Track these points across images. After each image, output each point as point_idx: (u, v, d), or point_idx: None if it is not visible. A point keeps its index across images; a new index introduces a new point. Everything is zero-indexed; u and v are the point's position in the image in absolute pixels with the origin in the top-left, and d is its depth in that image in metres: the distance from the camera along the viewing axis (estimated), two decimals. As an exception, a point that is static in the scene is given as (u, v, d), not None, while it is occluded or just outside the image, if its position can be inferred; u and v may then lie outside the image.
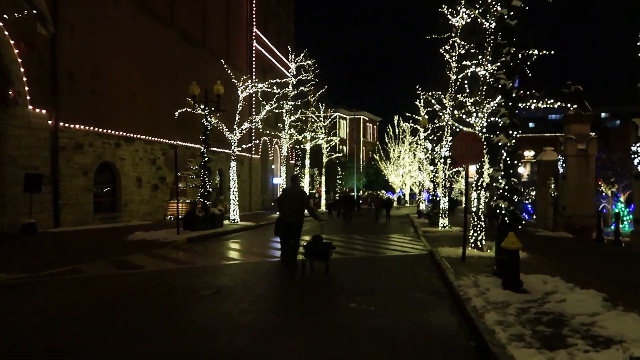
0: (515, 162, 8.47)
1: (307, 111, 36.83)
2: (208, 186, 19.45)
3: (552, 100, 11.47)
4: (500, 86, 8.51)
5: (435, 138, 27.55)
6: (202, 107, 19.30)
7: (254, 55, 38.08)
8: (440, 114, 15.17)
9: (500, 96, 8.65)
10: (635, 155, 13.23)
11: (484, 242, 12.46)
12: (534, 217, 28.84)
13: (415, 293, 8.05)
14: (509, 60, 8.42)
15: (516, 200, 8.50)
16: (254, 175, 39.09)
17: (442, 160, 22.37)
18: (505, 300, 6.58)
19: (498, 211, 8.52)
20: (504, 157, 8.55)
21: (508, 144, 8.43)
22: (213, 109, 19.34)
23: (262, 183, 41.67)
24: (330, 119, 42.60)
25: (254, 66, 37.77)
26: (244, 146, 24.07)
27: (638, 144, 13.30)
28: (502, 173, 8.54)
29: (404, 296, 7.81)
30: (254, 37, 38.23)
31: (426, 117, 27.72)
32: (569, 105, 18.05)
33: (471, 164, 11.12)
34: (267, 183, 42.81)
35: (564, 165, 19.48)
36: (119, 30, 21.63)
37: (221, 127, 22.13)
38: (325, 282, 9.11)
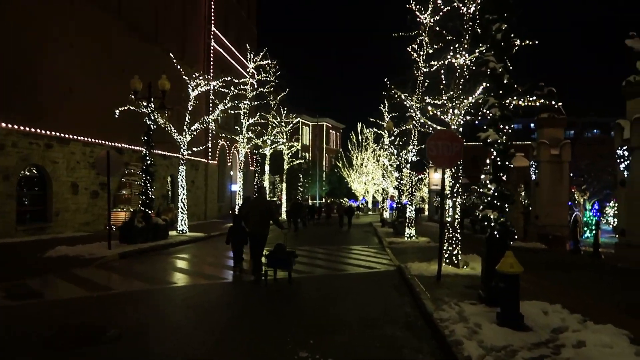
0: (507, 163, 6.92)
1: (268, 115, 34.99)
2: (150, 193, 17.29)
3: (534, 97, 10.13)
4: (488, 71, 6.97)
5: (401, 143, 26.29)
6: (144, 104, 17.17)
7: (211, 54, 35.93)
8: (411, 111, 13.62)
9: (487, 84, 7.10)
10: (621, 160, 12.07)
11: (459, 256, 10.93)
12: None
13: (386, 328, 6.33)
14: (500, 39, 6.90)
15: (507, 209, 6.95)
16: (211, 182, 36.79)
17: (407, 166, 20.98)
18: (507, 345, 4.95)
19: (486, 223, 6.94)
20: (493, 157, 6.99)
21: (499, 141, 6.88)
22: (154, 107, 17.21)
23: (220, 190, 39.39)
24: (292, 125, 40.90)
25: (211, 66, 35.61)
26: (195, 149, 21.91)
27: (624, 148, 12.15)
28: (491, 177, 6.97)
29: (373, 334, 6.08)
30: (212, 36, 36.13)
31: (391, 121, 26.43)
32: (541, 103, 17.01)
33: (448, 167, 9.58)
34: (225, 190, 40.55)
35: (536, 171, 18.40)
36: (55, 16, 19.24)
37: (169, 128, 20.00)
38: (276, 312, 7.28)
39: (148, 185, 17.22)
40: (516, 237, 7.02)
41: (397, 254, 15.17)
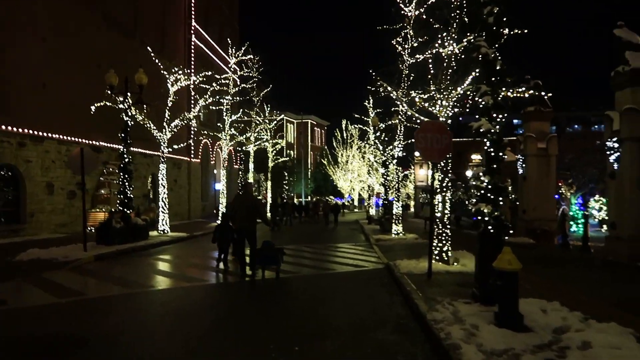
0: (501, 154, 6.56)
1: (251, 112, 34.37)
2: (129, 192, 16.66)
3: (523, 88, 9.83)
4: (480, 57, 6.60)
5: (386, 139, 25.96)
6: (121, 99, 16.53)
7: (192, 50, 35.20)
8: (397, 104, 13.21)
9: (478, 71, 6.73)
10: (611, 151, 11.85)
11: (449, 253, 10.59)
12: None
13: (378, 332, 5.91)
14: (492, 22, 6.53)
15: (502, 203, 6.59)
16: (194, 181, 36.07)
17: (394, 162, 20.66)
18: (508, 348, 4.58)
19: (479, 218, 6.57)
20: (486, 148, 6.62)
21: (492, 131, 6.51)
22: (131, 103, 16.58)
23: (203, 189, 38.69)
24: (276, 122, 40.36)
25: (192, 62, 34.87)
26: (175, 147, 21.26)
27: (614, 139, 11.93)
28: (484, 169, 6.61)
29: (363, 339, 5.65)
30: (192, 32, 35.36)
31: (376, 117, 26.09)
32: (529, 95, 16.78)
33: (437, 160, 9.21)
34: (209, 189, 39.85)
35: (523, 165, 18.19)
36: (24, 7, 18.44)
37: (148, 125, 19.36)
38: (261, 316, 6.83)
39: (126, 184, 16.60)
40: (511, 231, 6.66)
41: (385, 251, 14.81)
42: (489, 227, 6.49)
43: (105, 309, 7.21)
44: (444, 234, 10.40)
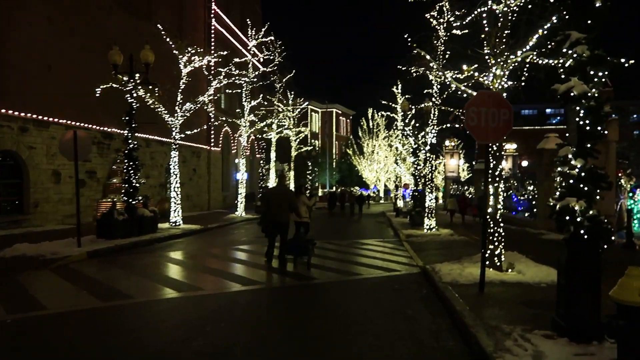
0: (600, 129, 4.62)
1: (273, 98, 32.70)
2: (134, 181, 15.18)
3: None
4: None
5: (417, 125, 23.90)
6: (125, 78, 15.02)
7: (212, 35, 33.63)
8: (435, 78, 11.16)
9: (564, 12, 4.78)
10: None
11: (502, 257, 8.65)
12: (527, 214, 25.44)
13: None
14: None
15: (598, 197, 4.67)
16: (214, 170, 34.72)
17: (426, 148, 18.65)
18: None
19: (568, 217, 4.66)
20: (579, 121, 4.69)
21: (589, 94, 4.57)
22: (137, 83, 15.04)
23: (224, 179, 37.37)
24: (299, 109, 38.61)
25: (212, 48, 33.32)
26: (188, 132, 19.70)
27: None
28: (574, 149, 4.69)
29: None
30: (212, 15, 33.78)
31: (407, 101, 24.04)
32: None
33: (493, 141, 7.27)
34: (230, 179, 38.48)
35: (577, 153, 15.93)
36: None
37: (159, 108, 17.86)
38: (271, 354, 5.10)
39: (131, 171, 15.11)
40: (613, 237, 4.73)
41: (418, 250, 12.95)
42: (582, 231, 4.58)
43: (56, 330, 5.59)
44: (497, 234, 8.47)
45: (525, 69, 8.82)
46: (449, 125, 17.98)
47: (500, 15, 7.97)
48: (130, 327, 5.77)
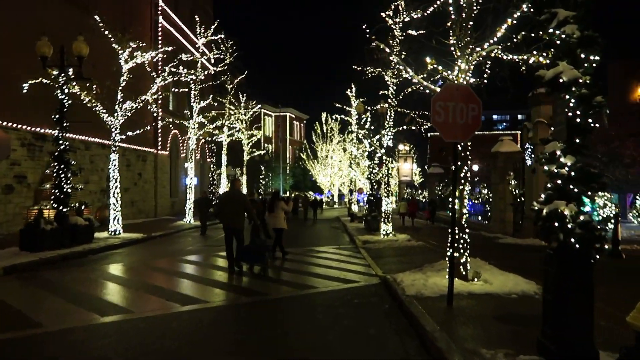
0: (591, 121, 4.01)
1: (224, 100, 31.49)
2: (66, 186, 13.75)
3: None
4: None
5: (372, 128, 23.47)
6: (55, 72, 13.59)
7: (159, 33, 31.99)
8: (399, 68, 10.43)
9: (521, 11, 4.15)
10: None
11: (468, 266, 8.05)
12: (479, 217, 25.53)
13: None
14: None
15: (605, 200, 4.05)
16: (161, 175, 32.99)
17: (382, 151, 18.13)
18: None
19: (555, 225, 4.02)
20: (567, 112, 4.06)
21: (580, 80, 3.95)
22: (68, 78, 13.65)
23: (173, 184, 35.64)
24: (252, 112, 37.50)
25: (159, 46, 31.70)
26: (130, 133, 18.26)
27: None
28: (563, 145, 4.05)
29: None
30: (159, 12, 32.17)
31: (361, 103, 23.57)
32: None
33: (461, 139, 6.62)
34: (179, 184, 36.76)
35: (532, 155, 15.83)
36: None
37: (96, 107, 16.41)
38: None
39: (62, 175, 13.68)
40: (607, 246, 4.12)
41: (376, 257, 12.29)
42: (572, 240, 3.94)
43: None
44: (462, 241, 7.86)
45: (488, 65, 8.33)
46: (405, 127, 17.53)
47: (464, 4, 7.37)
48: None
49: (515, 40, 7.84)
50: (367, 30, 9.54)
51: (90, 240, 14.58)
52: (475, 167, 51.24)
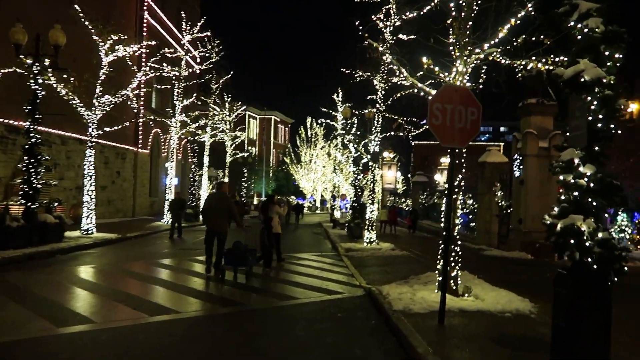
0: (613, 126, 3.59)
1: (208, 99, 30.85)
2: (36, 181, 13.02)
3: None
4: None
5: (358, 133, 23.13)
6: (29, 61, 12.87)
7: (145, 28, 31.16)
8: (393, 67, 9.87)
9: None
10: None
11: (459, 280, 7.62)
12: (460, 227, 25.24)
13: None
14: None
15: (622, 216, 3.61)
16: (141, 174, 32.10)
17: (368, 156, 17.74)
18: None
19: (572, 240, 3.58)
20: (588, 116, 3.64)
21: (604, 80, 3.54)
22: (44, 67, 12.95)
23: (153, 183, 34.76)
24: (236, 112, 36.83)
25: (144, 42, 30.89)
26: (108, 129, 17.51)
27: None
28: (582, 153, 3.63)
29: None
30: (145, 7, 31.38)
31: (348, 108, 23.19)
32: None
33: (460, 144, 6.18)
34: (159, 184, 35.86)
35: (520, 167, 15.57)
36: None
37: (74, 100, 15.68)
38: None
39: (32, 170, 12.94)
40: (626, 267, 3.68)
41: (359, 266, 11.82)
42: (589, 259, 3.51)
43: None
44: (453, 253, 7.42)
45: (484, 69, 7.99)
46: (392, 133, 17.17)
47: (463, 3, 6.97)
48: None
49: (515, 43, 7.51)
50: (360, 28, 9.14)
51: (61, 239, 13.85)
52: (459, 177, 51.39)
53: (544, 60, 7.59)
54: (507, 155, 20.09)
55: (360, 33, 9.28)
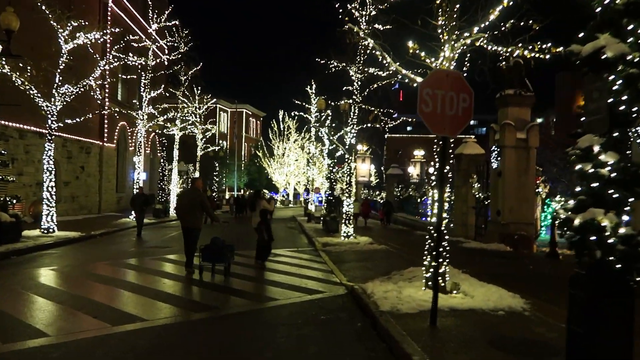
0: (637, 110, 3.19)
1: (177, 91, 29.79)
2: (-11, 178, 12.04)
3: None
4: None
5: (333, 125, 22.63)
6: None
7: (109, 16, 29.78)
8: (376, 53, 9.29)
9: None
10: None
11: (447, 276, 7.25)
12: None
13: None
14: None
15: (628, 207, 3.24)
16: (107, 169, 30.86)
17: (345, 148, 17.29)
18: None
19: (588, 238, 3.18)
20: (608, 98, 3.22)
21: (628, 58, 3.12)
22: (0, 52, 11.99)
23: (120, 179, 33.54)
24: (206, 105, 35.80)
25: (108, 31, 29.55)
26: (69, 121, 16.50)
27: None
28: (603, 140, 3.22)
29: None
30: (109, -5, 29.99)
31: (322, 100, 22.69)
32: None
33: (450, 133, 5.74)
34: (126, 179, 34.64)
35: (498, 158, 15.39)
36: None
37: (31, 90, 14.66)
38: None
39: (-16, 166, 11.95)
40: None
41: (338, 261, 11.39)
42: (611, 258, 3.11)
43: None
44: (442, 249, 7.03)
45: (468, 56, 7.63)
46: (369, 125, 16.76)
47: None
48: None
49: (503, 28, 7.17)
50: (340, 11, 8.62)
51: (17, 239, 12.94)
52: (432, 170, 51.72)
53: (530, 47, 7.29)
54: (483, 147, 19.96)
55: (340, 17, 8.74)
